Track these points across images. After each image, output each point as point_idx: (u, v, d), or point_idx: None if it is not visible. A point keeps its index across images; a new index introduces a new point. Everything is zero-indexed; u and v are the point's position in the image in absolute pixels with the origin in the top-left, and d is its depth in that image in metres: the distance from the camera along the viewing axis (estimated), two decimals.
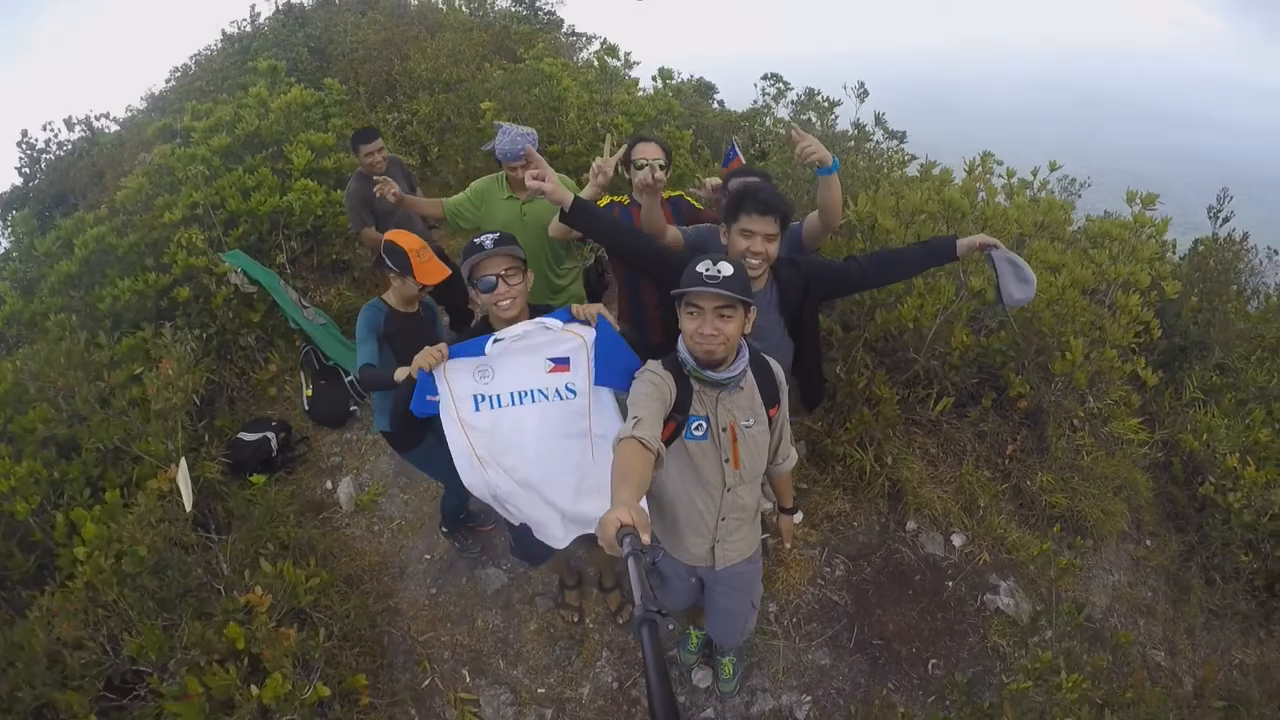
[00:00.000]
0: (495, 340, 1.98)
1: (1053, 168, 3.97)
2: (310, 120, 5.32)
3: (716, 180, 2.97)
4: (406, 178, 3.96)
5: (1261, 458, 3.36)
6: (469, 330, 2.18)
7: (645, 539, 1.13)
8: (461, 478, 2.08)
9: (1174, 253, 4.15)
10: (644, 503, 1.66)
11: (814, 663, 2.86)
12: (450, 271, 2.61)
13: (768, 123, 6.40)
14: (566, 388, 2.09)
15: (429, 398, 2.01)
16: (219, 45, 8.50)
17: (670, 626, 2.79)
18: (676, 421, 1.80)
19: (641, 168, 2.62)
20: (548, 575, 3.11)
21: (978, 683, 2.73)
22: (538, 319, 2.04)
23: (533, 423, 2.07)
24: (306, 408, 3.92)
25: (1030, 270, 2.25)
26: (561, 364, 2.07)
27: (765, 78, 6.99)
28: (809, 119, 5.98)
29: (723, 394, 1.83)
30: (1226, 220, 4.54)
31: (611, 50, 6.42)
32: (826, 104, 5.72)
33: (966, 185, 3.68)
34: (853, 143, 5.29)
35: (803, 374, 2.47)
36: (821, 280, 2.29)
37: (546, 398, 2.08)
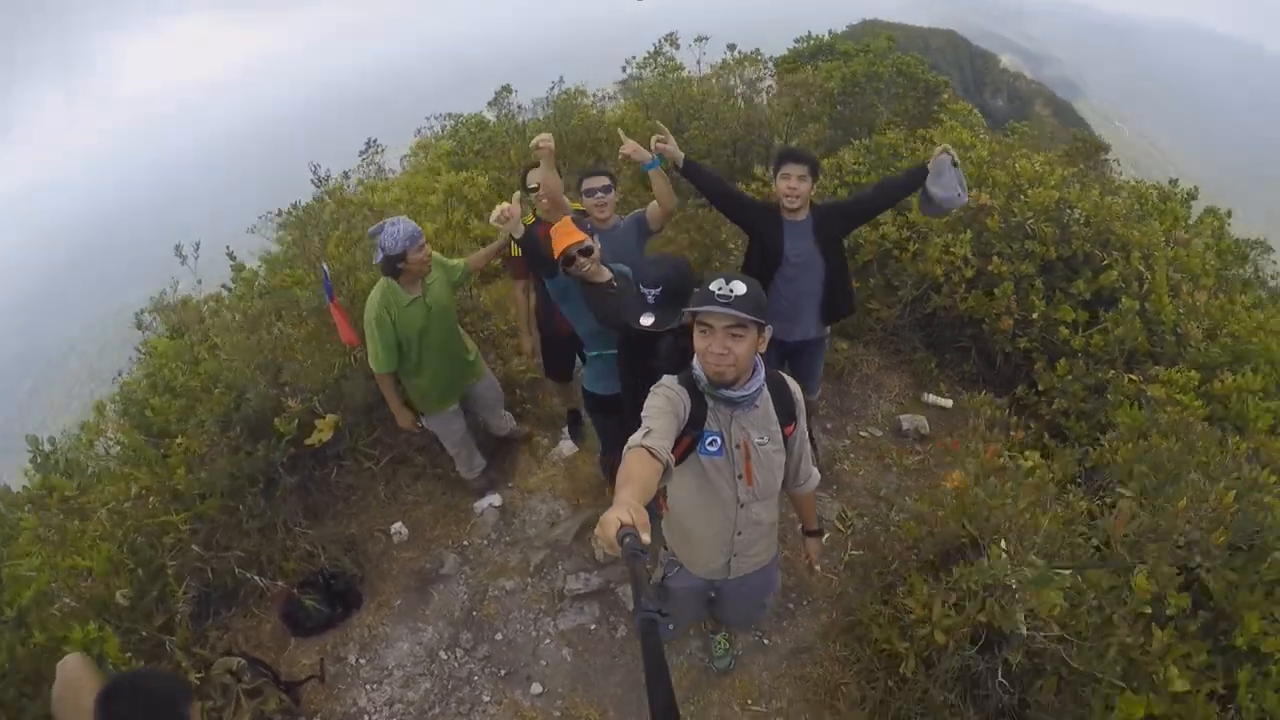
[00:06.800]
0: None
1: None
2: None
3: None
4: None
5: None
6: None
7: (645, 539, 1.17)
8: None
9: None
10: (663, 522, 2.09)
11: None
12: None
13: None
14: None
15: None
16: None
17: (670, 627, 2.91)
18: (691, 436, 1.91)
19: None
20: None
21: None
22: None
23: None
24: None
25: (956, 183, 3.06)
26: None
27: None
28: None
29: (737, 411, 1.94)
30: None
31: None
32: None
33: None
34: None
35: (830, 288, 3.30)
36: (840, 213, 3.29)
37: None
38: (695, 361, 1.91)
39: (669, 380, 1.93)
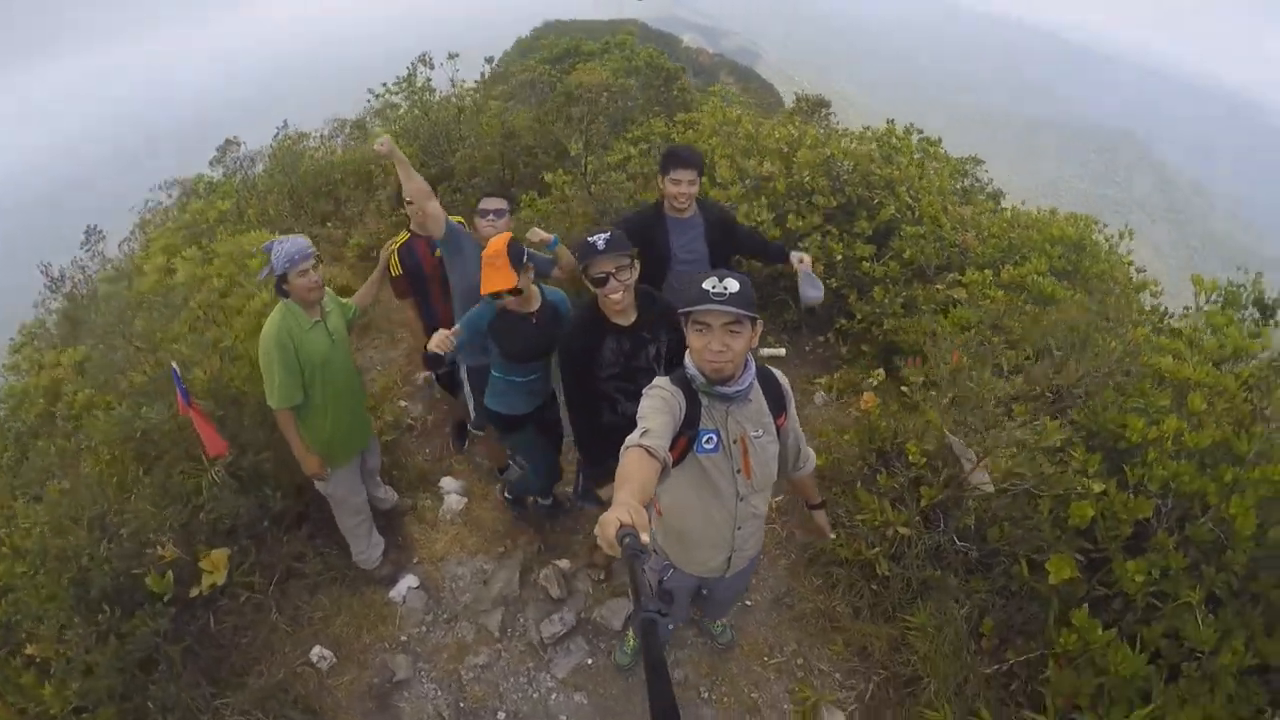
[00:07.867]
0: None
1: None
2: None
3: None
4: None
5: None
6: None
7: (645, 539, 1.19)
8: None
9: None
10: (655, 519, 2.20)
11: None
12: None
13: None
14: None
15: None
16: None
17: (670, 627, 3.12)
18: (688, 437, 1.94)
19: None
20: None
21: None
22: None
23: None
24: None
25: (819, 282, 3.45)
26: None
27: None
28: None
29: (732, 406, 1.99)
30: None
31: None
32: None
33: None
34: None
35: None
36: (727, 228, 3.47)
37: None
38: (688, 360, 1.96)
39: (662, 381, 1.95)
